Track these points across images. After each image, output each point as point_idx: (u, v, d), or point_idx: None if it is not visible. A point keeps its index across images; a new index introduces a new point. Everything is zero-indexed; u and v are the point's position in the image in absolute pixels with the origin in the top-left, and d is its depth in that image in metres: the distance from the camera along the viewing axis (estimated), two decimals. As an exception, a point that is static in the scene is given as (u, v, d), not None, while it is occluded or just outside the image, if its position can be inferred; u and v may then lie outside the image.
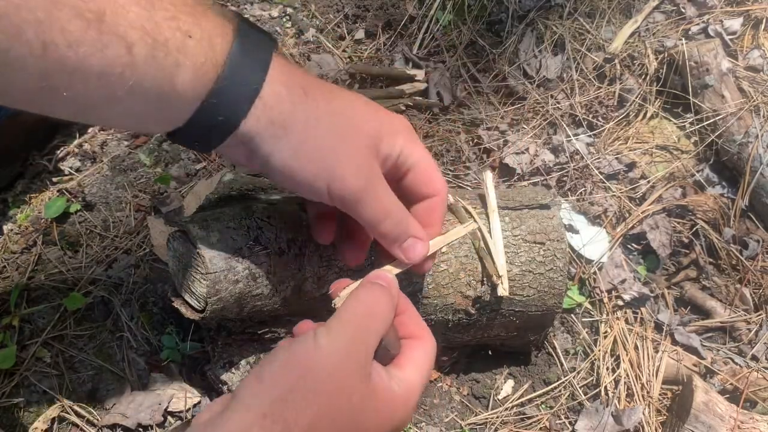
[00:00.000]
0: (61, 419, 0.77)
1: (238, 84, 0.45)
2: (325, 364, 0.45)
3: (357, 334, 0.46)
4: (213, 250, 0.58)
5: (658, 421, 0.81)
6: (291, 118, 0.47)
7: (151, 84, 0.43)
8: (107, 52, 0.40)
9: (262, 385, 0.43)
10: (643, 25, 1.13)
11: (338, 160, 0.49)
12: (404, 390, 0.49)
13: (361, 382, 0.46)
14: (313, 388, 0.43)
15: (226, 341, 0.69)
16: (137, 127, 0.57)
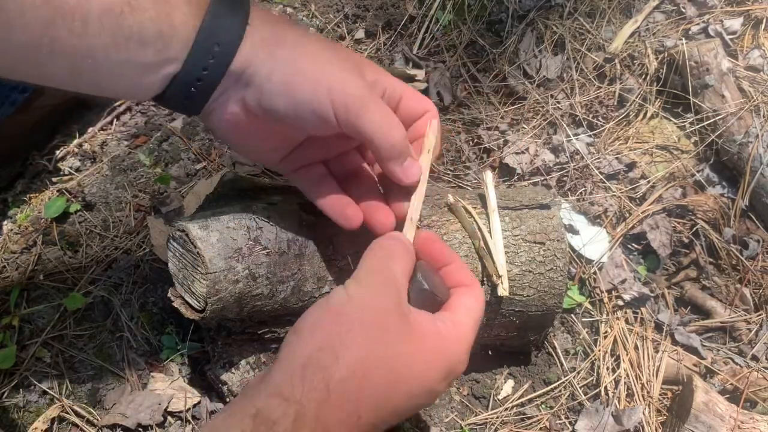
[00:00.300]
0: (60, 419, 0.77)
1: (229, 11, 0.47)
2: (357, 309, 0.46)
3: (383, 276, 0.48)
4: (213, 250, 0.58)
5: (658, 421, 0.81)
6: (282, 35, 0.49)
7: (150, 24, 0.44)
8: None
9: (299, 339, 0.45)
10: (643, 24, 1.13)
11: (338, 66, 0.49)
12: (453, 329, 0.49)
13: (397, 318, 0.46)
14: (347, 334, 0.44)
15: (226, 341, 0.69)
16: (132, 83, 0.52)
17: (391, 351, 0.45)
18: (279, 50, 0.48)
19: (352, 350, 0.44)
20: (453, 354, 0.49)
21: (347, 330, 0.44)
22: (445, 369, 0.48)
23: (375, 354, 0.44)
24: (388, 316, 0.46)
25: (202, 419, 0.78)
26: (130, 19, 0.43)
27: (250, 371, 0.70)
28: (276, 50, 0.48)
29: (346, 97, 0.48)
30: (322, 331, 0.45)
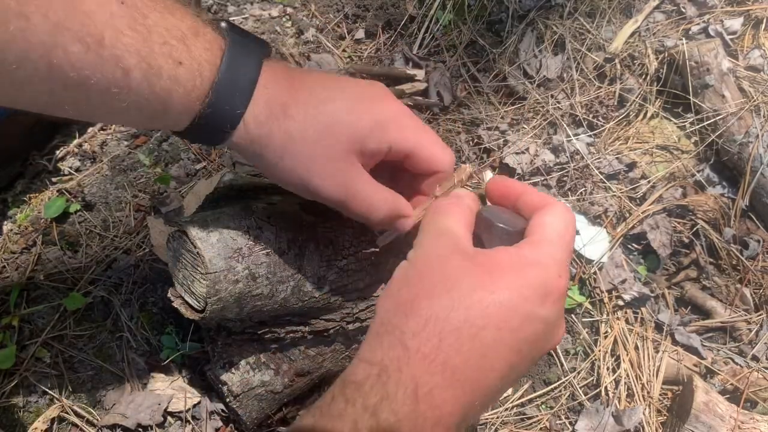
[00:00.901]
0: (60, 419, 0.77)
1: (222, 108, 0.48)
2: (415, 268, 0.47)
3: (434, 231, 0.48)
4: (213, 250, 0.58)
5: (658, 421, 0.81)
6: (269, 138, 0.50)
7: (146, 104, 0.46)
8: (106, 74, 0.43)
9: (378, 310, 0.46)
10: (643, 24, 1.13)
11: (312, 175, 0.52)
12: (535, 248, 0.46)
13: (458, 262, 0.45)
14: (411, 291, 0.45)
15: (226, 341, 0.69)
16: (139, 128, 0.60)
17: (459, 293, 0.43)
18: (264, 153, 0.51)
19: (418, 304, 0.44)
20: (540, 271, 0.45)
21: (409, 288, 0.45)
22: (536, 288, 0.44)
23: (443, 302, 0.43)
24: (447, 263, 0.46)
25: (202, 419, 0.78)
26: (127, 99, 0.45)
27: (250, 371, 0.70)
28: (260, 151, 0.51)
29: (325, 200, 0.54)
30: (390, 297, 0.46)
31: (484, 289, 0.43)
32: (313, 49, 1.13)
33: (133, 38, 0.43)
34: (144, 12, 0.44)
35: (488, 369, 0.43)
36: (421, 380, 0.41)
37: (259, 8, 1.19)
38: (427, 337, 0.42)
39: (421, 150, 0.55)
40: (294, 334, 0.68)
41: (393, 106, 0.54)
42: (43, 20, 0.40)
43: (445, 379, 0.41)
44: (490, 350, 0.43)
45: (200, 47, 0.47)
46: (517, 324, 0.44)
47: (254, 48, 0.50)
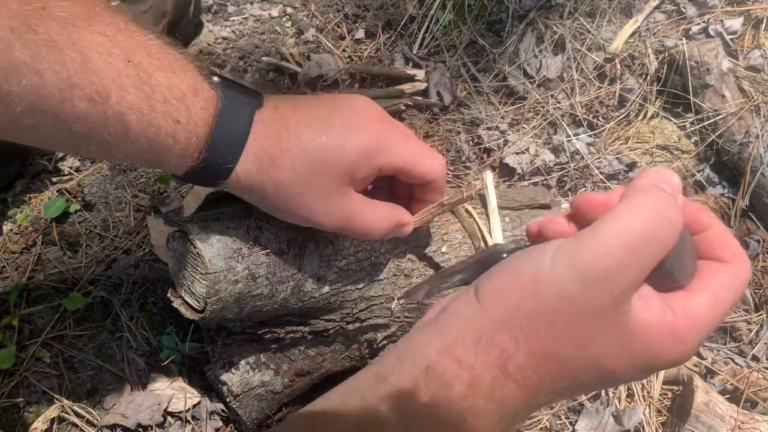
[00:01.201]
0: (60, 419, 0.77)
1: (214, 164, 0.51)
2: (554, 296, 0.37)
3: (618, 268, 0.36)
4: (212, 250, 0.58)
5: (658, 421, 0.81)
6: (261, 188, 0.53)
7: (143, 156, 0.49)
8: (108, 128, 0.46)
9: (478, 304, 0.40)
10: (643, 24, 1.13)
11: (309, 213, 0.55)
12: (682, 320, 0.38)
13: (609, 315, 0.37)
14: (539, 320, 0.37)
15: (226, 341, 0.69)
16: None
17: (586, 349, 0.38)
18: (257, 198, 0.55)
19: (538, 341, 0.38)
20: (667, 354, 0.38)
21: (535, 315, 0.38)
22: (648, 367, 0.39)
23: (566, 352, 0.38)
24: (596, 315, 0.37)
25: (202, 419, 0.78)
26: (127, 151, 0.48)
27: (249, 371, 0.70)
28: (254, 197, 0.55)
29: (325, 230, 0.57)
30: (504, 304, 0.38)
31: (608, 356, 0.38)
32: (313, 49, 1.13)
33: (136, 96, 0.46)
34: (149, 71, 0.46)
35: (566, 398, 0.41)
36: (509, 407, 0.38)
37: (259, 8, 1.19)
38: (530, 375, 0.38)
39: (411, 166, 0.56)
40: (294, 334, 0.68)
41: (377, 128, 0.55)
42: (55, 77, 0.42)
43: (529, 409, 0.40)
44: (572, 393, 0.41)
45: (198, 106, 0.49)
46: (606, 382, 0.40)
47: (246, 102, 0.52)
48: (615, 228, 0.37)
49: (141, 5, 1.02)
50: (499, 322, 0.38)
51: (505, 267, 0.40)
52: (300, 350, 0.71)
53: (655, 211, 0.37)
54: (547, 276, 0.37)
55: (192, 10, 1.10)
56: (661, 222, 0.37)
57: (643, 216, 0.37)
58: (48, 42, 0.41)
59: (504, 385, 0.38)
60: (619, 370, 0.38)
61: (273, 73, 1.10)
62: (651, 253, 0.37)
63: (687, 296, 0.39)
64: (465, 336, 0.38)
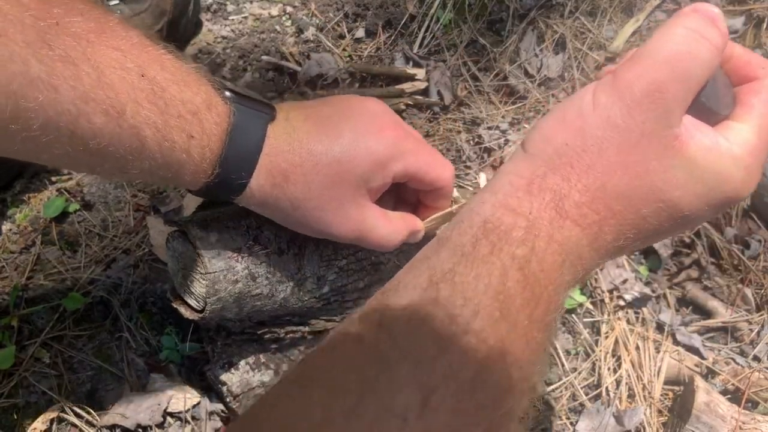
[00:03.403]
0: (60, 420, 0.77)
1: (227, 180, 0.51)
2: (599, 126, 0.37)
3: (657, 85, 0.37)
4: (212, 250, 0.58)
5: (659, 421, 0.81)
6: (275, 204, 0.53)
7: (157, 172, 0.49)
8: (124, 143, 0.46)
9: (531, 142, 0.40)
10: (644, 24, 1.13)
11: (325, 226, 0.55)
12: (737, 146, 0.38)
13: (658, 140, 0.37)
14: (588, 155, 0.37)
15: (226, 342, 0.69)
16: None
17: (642, 177, 0.37)
18: (272, 213, 0.55)
19: (591, 175, 0.37)
20: (731, 178, 0.38)
21: (583, 150, 0.38)
22: (714, 197, 0.39)
23: (622, 182, 0.37)
24: (645, 139, 0.37)
25: (202, 420, 0.77)
26: (141, 167, 0.48)
27: (249, 371, 0.70)
28: (268, 212, 0.55)
29: (342, 241, 0.57)
30: (552, 146, 0.39)
31: (668, 183, 0.38)
32: (312, 48, 1.13)
33: (151, 111, 0.46)
34: (162, 85, 0.46)
35: (637, 244, 0.40)
36: (572, 248, 0.38)
37: (258, 7, 1.19)
38: (589, 213, 0.38)
39: (423, 174, 0.56)
40: (294, 335, 0.68)
41: (389, 136, 0.55)
42: (71, 92, 0.42)
43: (596, 255, 0.39)
44: (641, 238, 0.40)
45: (211, 121, 0.49)
46: (678, 223, 0.40)
47: (259, 116, 0.52)
48: (651, 49, 0.37)
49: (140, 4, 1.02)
50: (548, 165, 0.38)
51: (549, 114, 0.40)
52: (300, 350, 0.71)
53: (691, 30, 0.37)
54: (590, 109, 0.38)
55: (191, 9, 1.10)
56: (698, 39, 0.37)
57: (678, 35, 0.37)
58: (63, 57, 0.42)
59: (563, 225, 0.37)
60: (684, 200, 0.38)
61: (273, 72, 1.10)
62: (691, 69, 0.37)
63: (734, 124, 0.39)
64: (517, 187, 0.38)
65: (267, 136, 0.52)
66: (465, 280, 0.36)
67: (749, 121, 0.40)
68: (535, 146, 0.40)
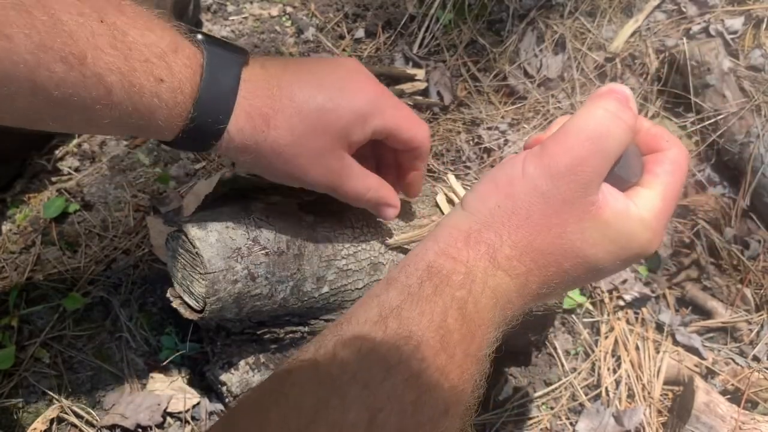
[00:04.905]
0: (59, 420, 0.77)
1: (204, 123, 0.50)
2: (527, 193, 0.44)
3: (578, 161, 0.43)
4: (212, 250, 0.58)
5: (659, 421, 0.81)
6: (256, 148, 0.52)
7: (129, 120, 0.47)
8: (89, 92, 0.44)
9: (469, 202, 0.46)
10: (644, 24, 1.13)
11: (303, 173, 0.54)
12: (645, 210, 0.45)
13: (580, 208, 0.43)
14: (517, 216, 0.44)
15: (225, 342, 0.69)
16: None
17: (563, 237, 0.44)
18: (253, 159, 0.53)
19: (519, 233, 0.43)
20: (639, 238, 0.45)
21: (514, 216, 0.44)
22: (623, 253, 0.45)
23: (546, 240, 0.43)
24: (567, 205, 0.43)
25: (202, 420, 0.77)
26: (111, 116, 0.46)
27: (249, 372, 0.70)
28: (249, 158, 0.53)
29: (318, 189, 0.57)
30: (487, 207, 0.45)
31: (585, 243, 0.44)
32: (312, 48, 1.13)
33: (114, 56, 0.44)
34: (124, 30, 0.45)
35: (558, 292, 0.47)
36: (503, 294, 0.44)
37: (258, 7, 1.19)
38: (518, 265, 0.43)
39: (399, 131, 0.57)
40: (293, 335, 0.68)
41: (370, 91, 0.55)
42: (26, 40, 0.41)
43: (523, 301, 0.45)
44: (561, 286, 0.46)
45: (180, 63, 0.48)
46: (591, 275, 0.46)
47: (232, 59, 0.51)
48: (574, 127, 0.44)
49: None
50: (482, 223, 0.44)
51: (485, 178, 0.46)
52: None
53: (608, 111, 0.44)
54: (520, 177, 0.44)
55: (191, 9, 1.10)
56: (613, 119, 0.43)
57: (597, 116, 0.44)
58: (15, 5, 0.40)
59: (495, 274, 0.43)
60: (599, 257, 0.44)
61: (273, 73, 1.10)
62: (608, 147, 0.43)
63: (642, 191, 0.46)
64: (456, 238, 0.44)
65: (243, 80, 0.51)
66: (410, 315, 0.41)
67: (655, 187, 0.46)
68: (472, 206, 0.46)
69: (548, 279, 0.45)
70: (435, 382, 0.39)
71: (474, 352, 0.42)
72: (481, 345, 0.42)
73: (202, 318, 0.60)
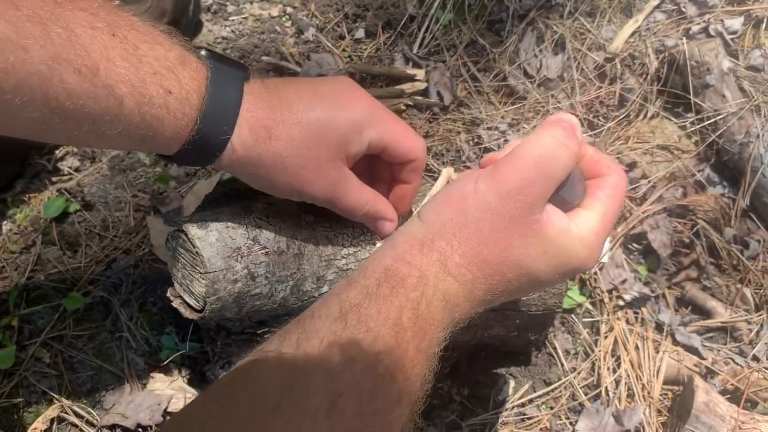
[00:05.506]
0: (60, 419, 0.77)
1: (209, 135, 0.51)
2: (478, 209, 0.48)
3: (525, 182, 0.47)
4: (212, 250, 0.58)
5: (658, 421, 0.81)
6: (258, 160, 0.53)
7: (136, 132, 0.48)
8: (100, 103, 0.45)
9: (425, 213, 0.50)
10: (643, 24, 1.13)
11: (304, 184, 0.55)
12: (585, 229, 0.50)
13: (524, 224, 0.48)
14: (467, 229, 0.48)
15: (226, 341, 0.69)
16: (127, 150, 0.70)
17: (508, 250, 0.48)
18: (254, 171, 0.54)
19: (468, 244, 0.48)
20: (579, 255, 0.49)
21: (465, 230, 0.48)
22: (563, 268, 0.50)
23: (492, 252, 0.48)
24: (513, 222, 0.47)
25: (202, 419, 0.77)
26: (119, 127, 0.47)
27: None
28: (251, 170, 0.54)
29: (316, 201, 0.57)
30: (440, 220, 0.49)
31: (529, 257, 0.48)
32: (312, 48, 1.13)
33: (125, 68, 0.45)
34: (134, 44, 0.46)
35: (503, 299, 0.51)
36: (452, 297, 0.48)
37: (258, 8, 1.19)
38: (466, 273, 0.48)
39: (396, 144, 0.57)
40: (293, 334, 0.68)
41: (364, 104, 0.56)
42: (41, 51, 0.41)
43: (470, 305, 0.49)
44: (505, 294, 0.50)
45: (187, 76, 0.49)
46: (534, 285, 0.51)
47: (235, 73, 0.52)
48: (524, 152, 0.48)
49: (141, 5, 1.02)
50: (436, 232, 0.48)
51: (440, 193, 0.51)
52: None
53: (555, 138, 0.48)
54: (472, 194, 0.48)
55: (191, 10, 1.10)
56: (559, 146, 0.48)
57: (545, 142, 0.48)
58: (31, 17, 0.41)
59: (446, 279, 0.47)
60: (540, 270, 0.49)
61: (273, 73, 1.10)
62: (553, 170, 0.48)
63: (583, 212, 0.51)
64: (412, 245, 0.48)
65: (245, 93, 0.52)
66: (369, 312, 0.44)
67: (595, 209, 0.51)
68: (428, 217, 0.50)
69: (493, 287, 0.49)
70: (390, 373, 0.43)
71: (425, 349, 0.45)
72: (431, 343, 0.46)
73: (202, 318, 0.60)
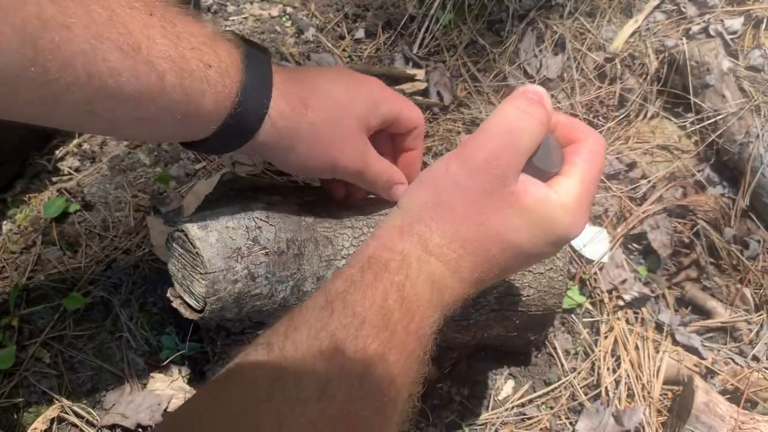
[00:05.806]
0: (60, 419, 0.77)
1: (250, 107, 0.52)
2: (450, 188, 0.48)
3: (492, 155, 0.48)
4: (212, 250, 0.58)
5: (658, 421, 0.81)
6: (296, 130, 0.55)
7: (179, 107, 0.49)
8: (142, 80, 0.46)
9: (403, 201, 0.51)
10: (643, 24, 1.13)
11: (339, 154, 0.58)
12: (565, 196, 0.49)
13: (499, 196, 0.48)
14: (442, 209, 0.48)
15: (226, 342, 0.69)
16: (162, 140, 0.79)
17: (485, 224, 0.48)
18: (293, 144, 0.56)
19: (446, 224, 0.48)
20: (564, 222, 0.49)
21: (441, 208, 0.48)
22: (554, 238, 0.50)
23: (471, 229, 0.48)
24: (486, 196, 0.48)
25: (202, 420, 0.77)
26: (161, 103, 0.48)
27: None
28: (289, 143, 0.56)
29: (347, 175, 0.61)
30: (417, 202, 0.50)
31: (509, 228, 0.48)
32: (312, 48, 1.13)
33: (164, 45, 0.47)
34: (172, 21, 0.48)
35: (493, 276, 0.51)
36: (438, 278, 0.48)
37: (258, 7, 1.19)
38: (448, 251, 0.48)
39: (402, 114, 0.62)
40: (293, 335, 0.68)
41: (374, 83, 0.61)
42: (84, 30, 0.42)
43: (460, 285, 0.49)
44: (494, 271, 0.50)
45: (224, 51, 0.51)
46: (524, 259, 0.51)
47: (262, 51, 0.55)
48: (488, 125, 0.49)
49: (141, 5, 1.02)
50: (414, 217, 0.49)
51: (416, 179, 0.52)
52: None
53: (518, 109, 0.48)
54: (444, 174, 0.49)
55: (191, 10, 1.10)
56: (523, 116, 0.48)
57: (507, 114, 0.48)
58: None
59: (428, 260, 0.48)
60: (523, 241, 0.49)
61: (273, 73, 1.10)
62: (519, 141, 0.48)
63: (562, 179, 0.50)
64: (392, 233, 0.49)
65: (273, 70, 0.54)
66: (354, 299, 0.45)
67: (574, 175, 0.50)
68: (404, 203, 0.51)
69: (478, 264, 0.49)
70: (380, 356, 0.43)
71: (414, 330, 0.46)
72: (421, 323, 0.46)
73: (202, 318, 0.60)
